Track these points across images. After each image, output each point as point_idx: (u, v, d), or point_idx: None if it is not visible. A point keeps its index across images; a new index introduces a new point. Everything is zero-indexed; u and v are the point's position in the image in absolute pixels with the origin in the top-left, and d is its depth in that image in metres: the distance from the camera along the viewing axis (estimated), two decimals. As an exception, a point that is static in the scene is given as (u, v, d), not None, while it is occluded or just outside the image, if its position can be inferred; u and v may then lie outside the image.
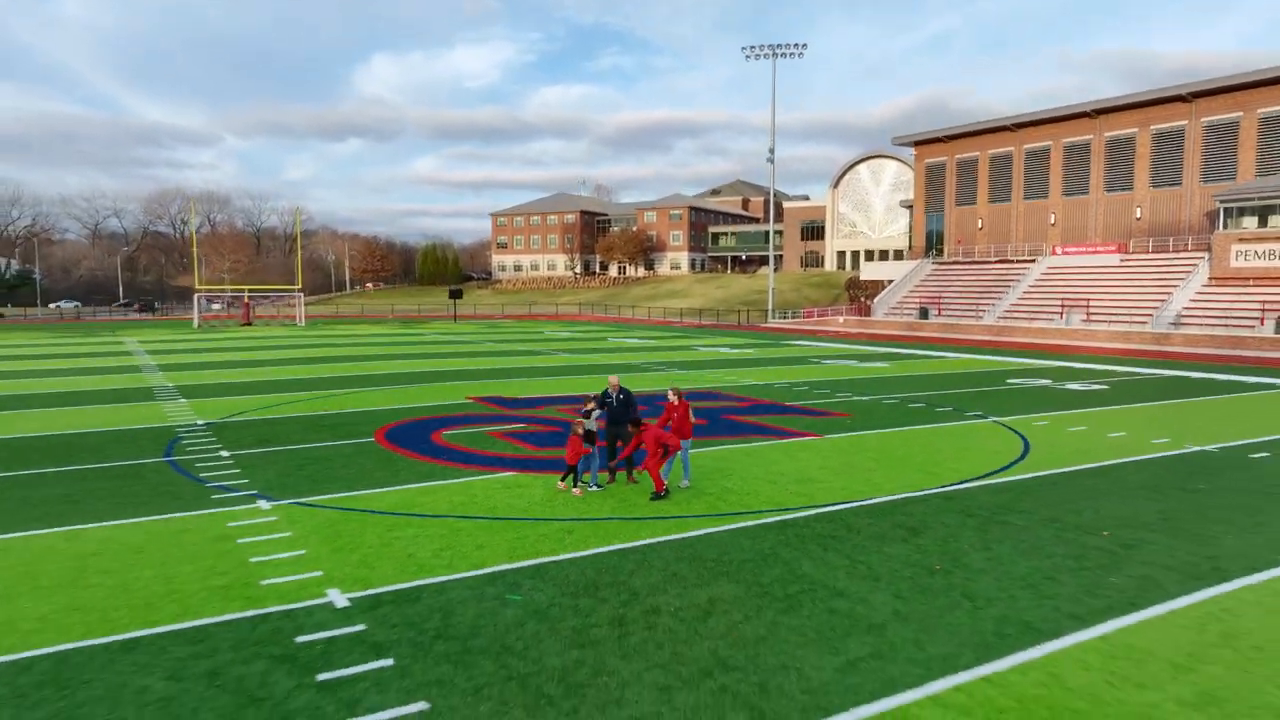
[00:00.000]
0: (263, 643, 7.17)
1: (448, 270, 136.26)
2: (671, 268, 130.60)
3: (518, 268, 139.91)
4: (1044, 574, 8.91)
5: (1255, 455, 15.34)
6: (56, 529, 10.57)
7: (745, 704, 6.14)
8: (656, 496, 11.96)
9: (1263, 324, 40.51)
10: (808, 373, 29.89)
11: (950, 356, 37.40)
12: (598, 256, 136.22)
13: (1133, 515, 11.21)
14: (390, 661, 6.82)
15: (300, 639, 7.24)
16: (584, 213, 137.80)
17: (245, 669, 6.71)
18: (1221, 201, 46.06)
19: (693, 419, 12.96)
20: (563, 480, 12.54)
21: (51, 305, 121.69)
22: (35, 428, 18.39)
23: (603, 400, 13.08)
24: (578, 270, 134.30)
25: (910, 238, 74.03)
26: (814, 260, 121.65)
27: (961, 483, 13.02)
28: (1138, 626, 7.56)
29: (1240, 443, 16.52)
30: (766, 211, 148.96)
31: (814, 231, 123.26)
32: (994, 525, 10.71)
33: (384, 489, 12.56)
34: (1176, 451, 15.67)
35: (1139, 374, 29.93)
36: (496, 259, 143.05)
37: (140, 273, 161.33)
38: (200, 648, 7.09)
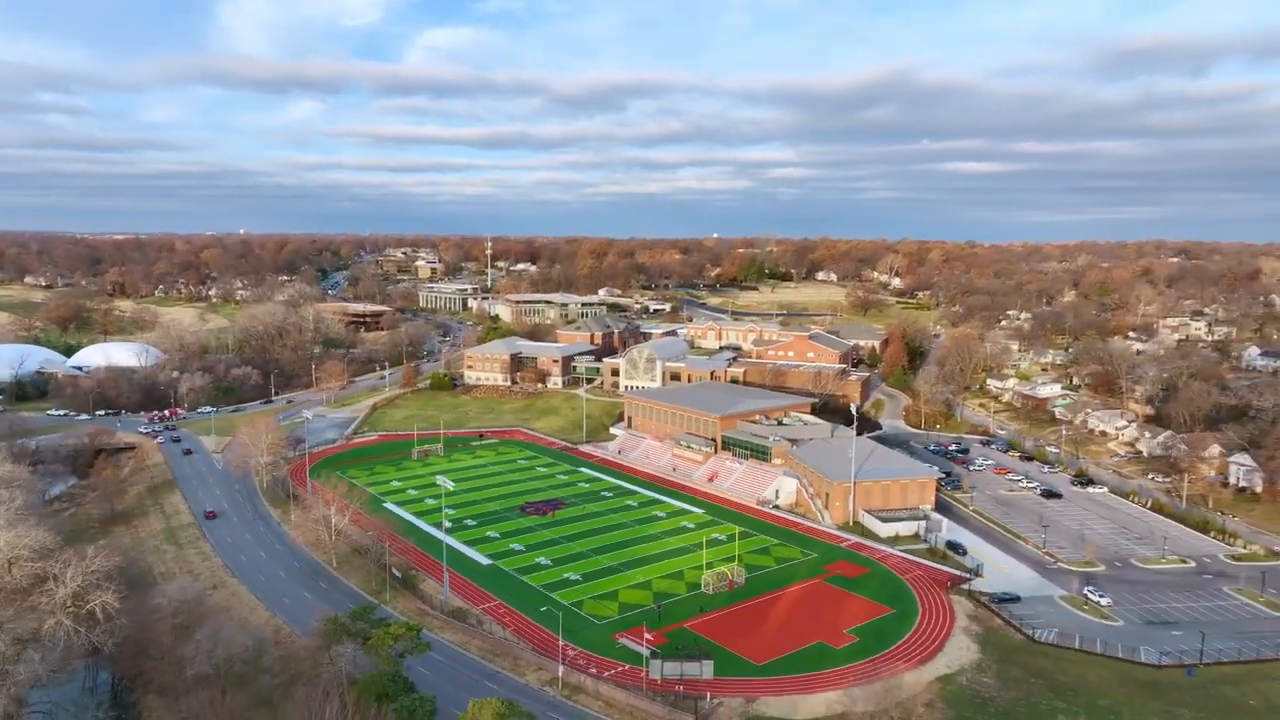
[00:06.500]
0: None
1: (447, 384, 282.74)
2: (552, 384, 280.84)
3: (478, 380, 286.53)
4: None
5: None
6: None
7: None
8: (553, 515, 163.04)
9: (711, 481, 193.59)
10: (562, 489, 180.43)
11: (587, 473, 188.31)
12: (519, 375, 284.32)
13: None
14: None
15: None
16: (514, 355, 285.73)
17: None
18: (725, 431, 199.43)
19: (553, 511, 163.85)
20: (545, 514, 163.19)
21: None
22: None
23: (554, 506, 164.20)
24: (510, 382, 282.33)
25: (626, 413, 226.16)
26: (616, 385, 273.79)
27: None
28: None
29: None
30: (609, 346, 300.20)
31: (618, 371, 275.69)
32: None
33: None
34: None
35: (606, 489, 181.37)
36: (468, 374, 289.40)
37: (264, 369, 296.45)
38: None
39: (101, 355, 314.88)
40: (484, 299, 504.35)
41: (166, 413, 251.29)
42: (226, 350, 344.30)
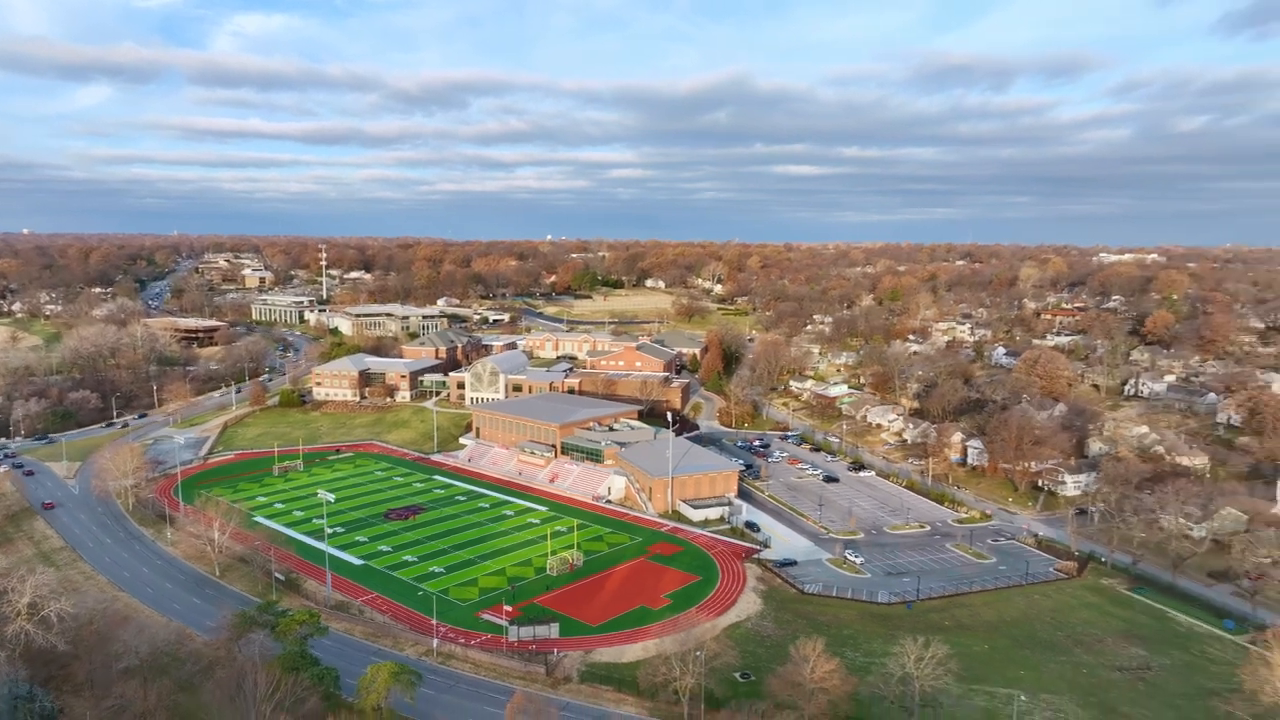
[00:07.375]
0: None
1: (296, 400, 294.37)
2: (401, 398, 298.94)
3: (327, 395, 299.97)
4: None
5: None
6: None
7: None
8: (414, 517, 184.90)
9: (552, 482, 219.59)
10: (420, 496, 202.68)
11: (441, 480, 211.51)
12: (368, 390, 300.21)
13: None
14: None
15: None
16: (362, 371, 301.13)
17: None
18: (563, 438, 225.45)
19: (414, 515, 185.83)
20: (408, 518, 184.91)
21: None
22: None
23: (414, 511, 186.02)
24: (359, 398, 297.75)
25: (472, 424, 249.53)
26: (462, 397, 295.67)
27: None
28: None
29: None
30: (453, 360, 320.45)
31: (464, 384, 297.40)
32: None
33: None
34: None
35: (460, 495, 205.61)
36: (316, 390, 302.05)
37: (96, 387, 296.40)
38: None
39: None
40: (321, 311, 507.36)
41: None
42: (53, 372, 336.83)
